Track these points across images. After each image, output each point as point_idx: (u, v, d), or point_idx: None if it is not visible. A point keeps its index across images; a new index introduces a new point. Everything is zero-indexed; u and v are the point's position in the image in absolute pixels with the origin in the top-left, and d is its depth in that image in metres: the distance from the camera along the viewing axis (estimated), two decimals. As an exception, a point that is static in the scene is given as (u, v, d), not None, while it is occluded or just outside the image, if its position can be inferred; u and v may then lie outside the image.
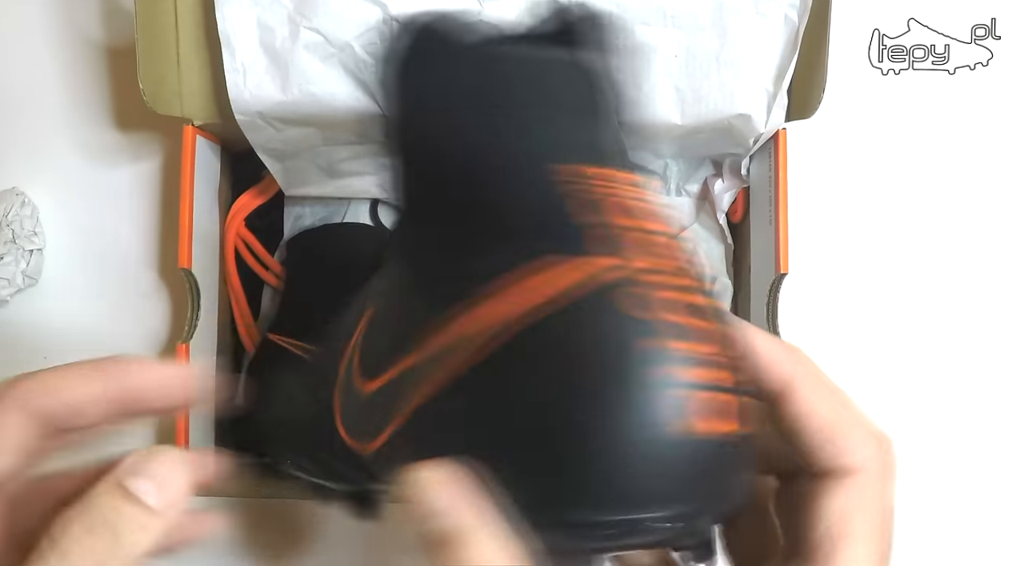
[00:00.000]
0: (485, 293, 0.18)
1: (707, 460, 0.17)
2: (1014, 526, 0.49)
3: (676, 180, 0.47)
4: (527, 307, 0.18)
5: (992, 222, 0.50)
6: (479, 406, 0.18)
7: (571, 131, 0.19)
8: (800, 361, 0.21)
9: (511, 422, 0.18)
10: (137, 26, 0.37)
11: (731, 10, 0.37)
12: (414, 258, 0.22)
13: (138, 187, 0.48)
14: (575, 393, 0.17)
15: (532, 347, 0.18)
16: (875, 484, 0.20)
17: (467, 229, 0.20)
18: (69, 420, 0.22)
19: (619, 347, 0.17)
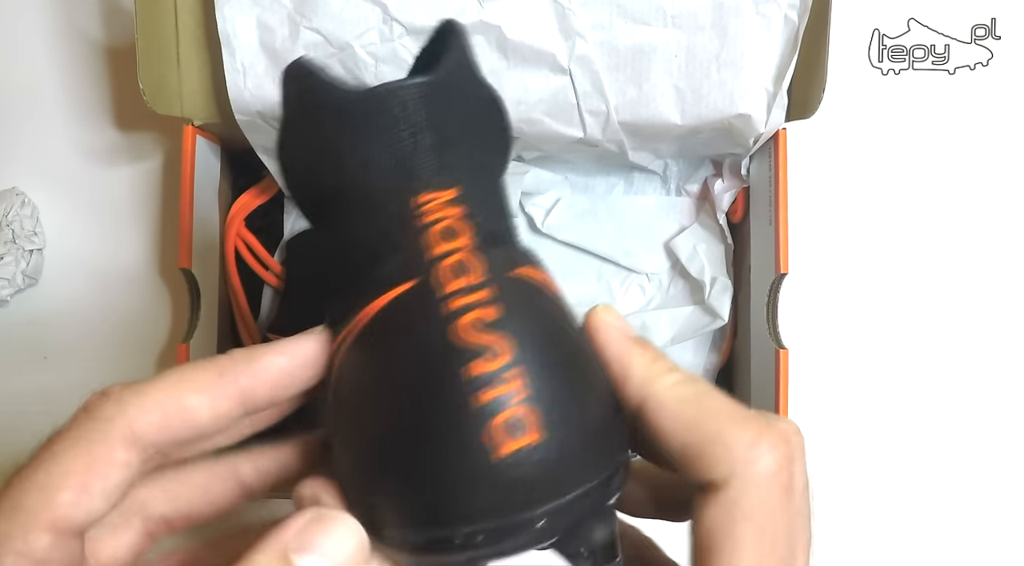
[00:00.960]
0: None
1: (513, 476, 0.17)
2: (1014, 526, 0.49)
3: (676, 180, 0.47)
4: (358, 329, 0.19)
5: (992, 222, 0.50)
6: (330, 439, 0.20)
7: (408, 158, 0.20)
8: (653, 378, 0.20)
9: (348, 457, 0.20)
10: (137, 26, 0.37)
11: (731, 10, 0.37)
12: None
13: (138, 187, 0.48)
14: (376, 425, 0.19)
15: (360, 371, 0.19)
16: (744, 496, 0.18)
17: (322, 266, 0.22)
18: (185, 447, 0.20)
19: (413, 372, 0.18)
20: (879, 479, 0.49)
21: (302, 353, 0.20)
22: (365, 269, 0.20)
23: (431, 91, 0.21)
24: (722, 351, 0.47)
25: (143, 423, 0.18)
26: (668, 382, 0.20)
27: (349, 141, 0.21)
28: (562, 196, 0.47)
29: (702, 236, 0.46)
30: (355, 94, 0.21)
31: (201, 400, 0.19)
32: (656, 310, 0.46)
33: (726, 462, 0.18)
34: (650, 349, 0.21)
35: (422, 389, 0.18)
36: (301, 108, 0.22)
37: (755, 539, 0.18)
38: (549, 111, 0.39)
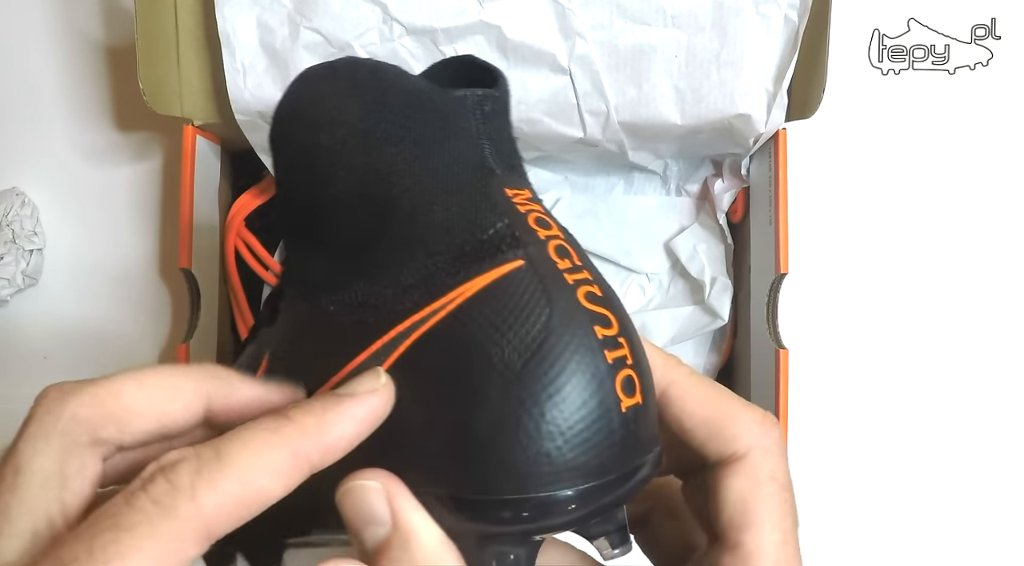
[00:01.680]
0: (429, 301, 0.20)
1: (617, 433, 0.19)
2: (1013, 526, 0.49)
3: (676, 180, 0.47)
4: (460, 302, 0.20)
5: (992, 222, 0.50)
6: (398, 412, 0.20)
7: (482, 155, 0.22)
8: (674, 366, 0.22)
9: (430, 422, 0.20)
10: (137, 26, 0.37)
11: (731, 10, 0.37)
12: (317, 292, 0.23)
13: (138, 187, 0.48)
14: (485, 386, 0.19)
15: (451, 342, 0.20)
16: (766, 462, 0.21)
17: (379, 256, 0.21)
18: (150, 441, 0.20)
19: (544, 331, 0.19)
20: (879, 479, 0.49)
21: (371, 415, 0.19)
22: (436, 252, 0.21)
23: (504, 98, 0.23)
24: (722, 351, 0.47)
25: (218, 521, 0.17)
26: (685, 371, 0.22)
27: (433, 138, 0.21)
28: (562, 196, 0.47)
29: (702, 236, 0.46)
30: (438, 96, 0.22)
31: (275, 486, 0.18)
32: (656, 310, 0.46)
33: (745, 436, 0.21)
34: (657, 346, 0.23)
35: (555, 346, 0.19)
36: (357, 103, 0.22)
37: (781, 495, 0.21)
38: (549, 111, 0.39)
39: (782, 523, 0.21)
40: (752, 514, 0.21)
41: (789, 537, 0.21)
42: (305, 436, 0.18)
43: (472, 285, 0.20)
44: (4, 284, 0.45)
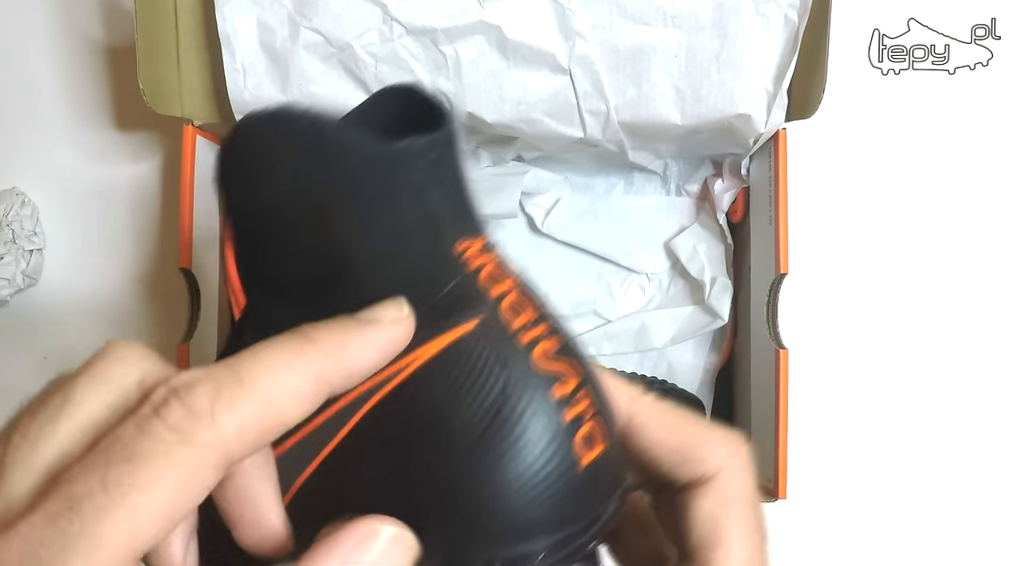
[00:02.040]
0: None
1: (580, 487, 0.20)
2: (1013, 525, 0.49)
3: (676, 180, 0.47)
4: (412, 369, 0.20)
5: (992, 221, 0.50)
6: (365, 470, 0.20)
7: (433, 211, 0.21)
8: (636, 396, 0.23)
9: (394, 485, 0.20)
10: (137, 26, 0.37)
11: (731, 10, 0.37)
12: None
13: (138, 187, 0.48)
14: (447, 451, 0.19)
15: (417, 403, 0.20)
16: (735, 482, 0.22)
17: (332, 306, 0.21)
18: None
19: (501, 397, 0.19)
20: (879, 478, 0.49)
21: (392, 345, 0.19)
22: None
23: (451, 139, 0.22)
24: (722, 351, 0.47)
25: (239, 447, 0.16)
26: (648, 400, 0.23)
27: (374, 198, 0.21)
28: (562, 196, 0.47)
29: (702, 236, 0.46)
30: (378, 151, 0.21)
31: (295, 409, 0.17)
32: (656, 310, 0.46)
33: (714, 458, 0.22)
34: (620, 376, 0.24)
35: (512, 412, 0.19)
36: (295, 162, 0.21)
37: (749, 513, 0.22)
38: (549, 111, 0.39)
39: (751, 541, 0.21)
40: (721, 532, 0.21)
41: (757, 555, 0.22)
42: (327, 358, 0.18)
43: (427, 349, 0.20)
44: (4, 284, 0.45)
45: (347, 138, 0.21)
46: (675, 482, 0.22)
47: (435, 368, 0.20)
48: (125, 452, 0.15)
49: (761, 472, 0.40)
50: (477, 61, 0.37)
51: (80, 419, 0.16)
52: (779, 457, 0.38)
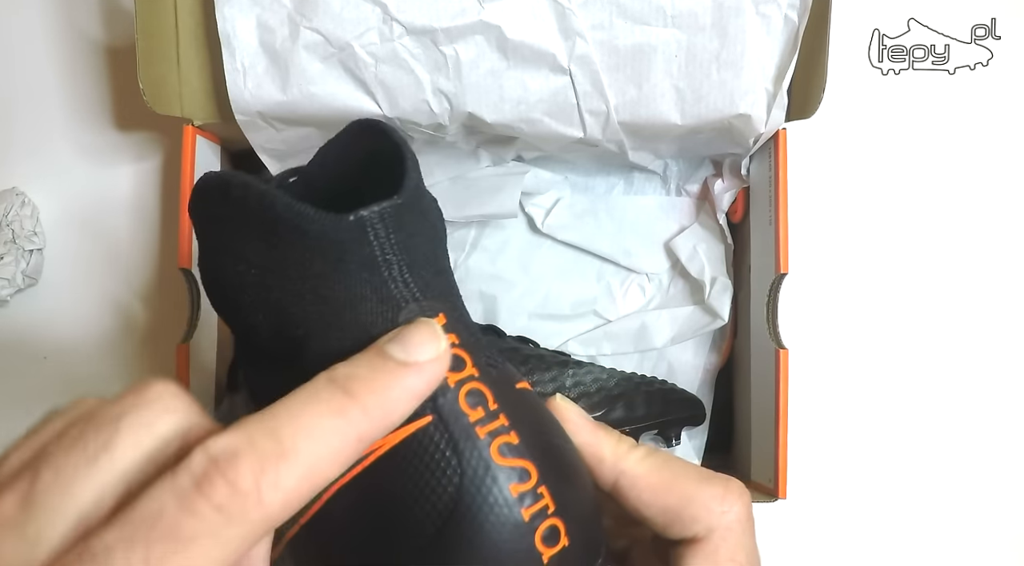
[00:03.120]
0: None
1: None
2: (1012, 525, 0.49)
3: (676, 180, 0.47)
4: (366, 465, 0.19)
5: (992, 221, 0.50)
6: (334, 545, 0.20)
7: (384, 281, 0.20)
8: (623, 454, 0.22)
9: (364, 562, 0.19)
10: (137, 26, 0.37)
11: (731, 10, 0.37)
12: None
13: (138, 187, 0.48)
14: (403, 546, 0.19)
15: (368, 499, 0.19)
16: (726, 543, 0.21)
17: None
18: None
19: (459, 492, 0.19)
20: (879, 478, 0.49)
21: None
22: None
23: (402, 211, 0.20)
24: (722, 351, 0.47)
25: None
26: (636, 457, 0.22)
27: (324, 275, 0.20)
28: (562, 196, 0.47)
29: (702, 236, 0.46)
30: (327, 222, 0.19)
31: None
32: (656, 310, 0.46)
33: (705, 518, 0.21)
34: (612, 432, 0.23)
35: (472, 507, 0.19)
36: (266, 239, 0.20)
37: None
38: (549, 111, 0.39)
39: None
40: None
41: None
42: (369, 418, 0.17)
43: (384, 441, 0.19)
44: (4, 284, 0.45)
45: (299, 214, 0.19)
46: (666, 535, 0.22)
47: (391, 461, 0.19)
48: (168, 530, 0.15)
49: (761, 472, 0.40)
50: (477, 61, 0.37)
51: (119, 470, 0.16)
52: (779, 457, 0.38)
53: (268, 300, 0.20)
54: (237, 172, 0.21)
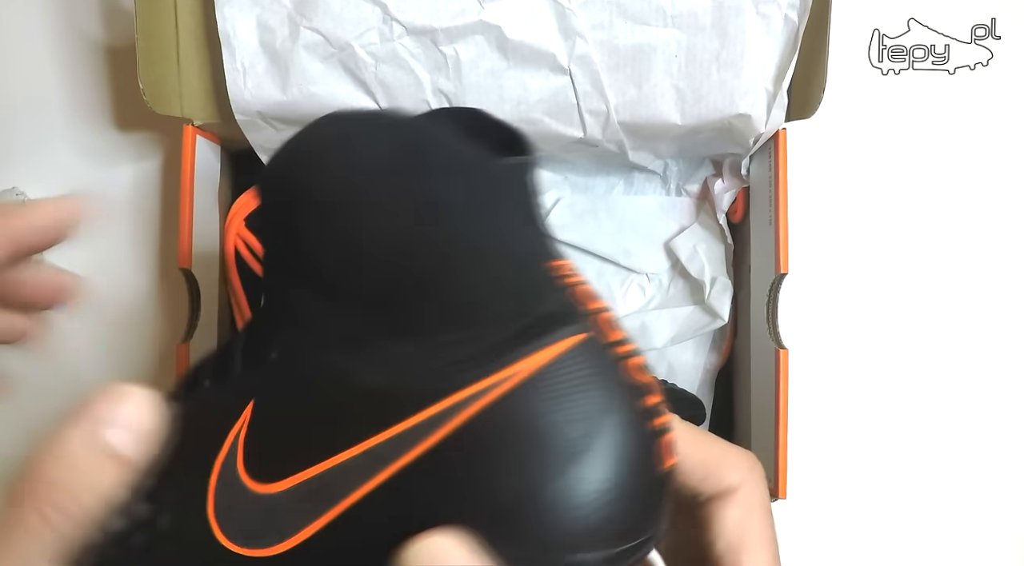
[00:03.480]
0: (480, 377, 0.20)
1: (664, 492, 0.21)
2: (1011, 525, 0.49)
3: (676, 180, 0.47)
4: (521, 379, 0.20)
5: (992, 222, 0.50)
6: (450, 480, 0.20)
7: (534, 227, 0.22)
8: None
9: (486, 493, 0.20)
10: (137, 26, 0.37)
11: (731, 10, 0.37)
12: (348, 350, 0.22)
13: (138, 187, 0.48)
14: (546, 462, 0.20)
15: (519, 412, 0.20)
16: (755, 493, 0.24)
17: (432, 319, 0.21)
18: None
19: (590, 413, 0.20)
20: (879, 478, 0.49)
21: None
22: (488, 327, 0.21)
23: (534, 166, 0.23)
24: (722, 351, 0.47)
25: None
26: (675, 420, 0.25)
27: (484, 207, 0.22)
28: (562, 196, 0.47)
29: (702, 236, 0.46)
30: (490, 164, 0.22)
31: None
32: (656, 310, 0.46)
33: (736, 471, 0.24)
34: None
35: (615, 419, 0.20)
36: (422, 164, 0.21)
37: (768, 521, 0.24)
38: (549, 111, 0.39)
39: (771, 546, 0.24)
40: (747, 538, 0.24)
41: (777, 559, 0.24)
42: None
43: (532, 361, 0.20)
44: (4, 284, 0.45)
45: (457, 146, 0.22)
46: (700, 495, 0.24)
47: (539, 380, 0.20)
48: None
49: (761, 472, 0.40)
50: (477, 61, 0.37)
51: None
52: (779, 457, 0.38)
53: (405, 227, 0.21)
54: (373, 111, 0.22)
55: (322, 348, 0.22)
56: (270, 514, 0.22)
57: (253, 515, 0.22)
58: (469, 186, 0.21)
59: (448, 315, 0.21)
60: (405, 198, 0.21)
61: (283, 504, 0.21)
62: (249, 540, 0.22)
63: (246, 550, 0.22)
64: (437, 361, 0.21)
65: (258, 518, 0.22)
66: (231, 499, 0.22)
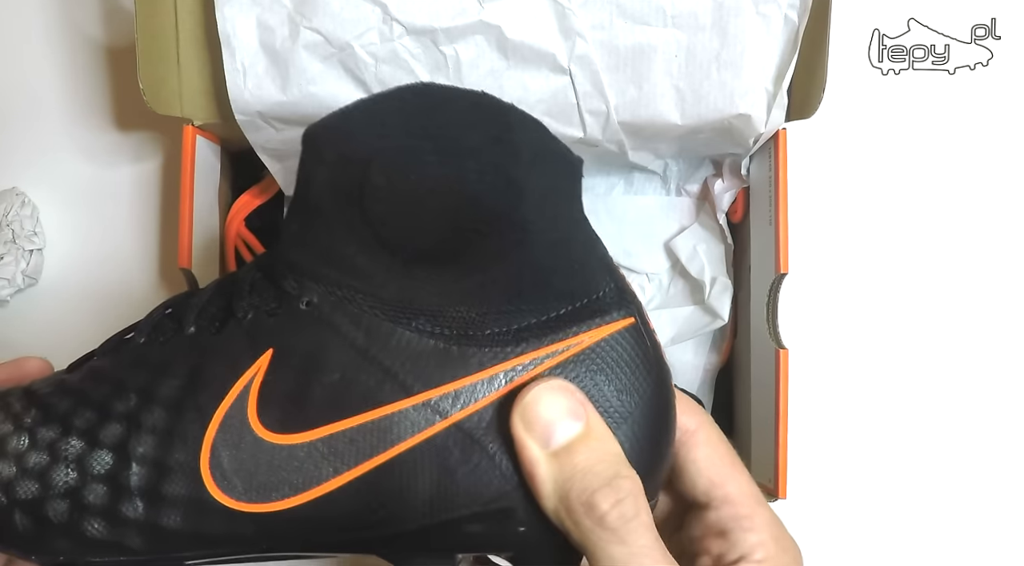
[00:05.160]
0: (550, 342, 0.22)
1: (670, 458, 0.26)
2: (1013, 525, 0.49)
3: (676, 180, 0.47)
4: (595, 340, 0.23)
5: (992, 222, 0.50)
6: None
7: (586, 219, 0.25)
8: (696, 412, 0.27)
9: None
10: (137, 26, 0.37)
11: (731, 10, 0.37)
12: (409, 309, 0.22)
13: (138, 187, 0.48)
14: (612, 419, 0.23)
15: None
16: (713, 431, 0.26)
17: (502, 288, 0.22)
18: None
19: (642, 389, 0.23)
20: (879, 478, 0.49)
21: None
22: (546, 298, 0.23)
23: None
24: (722, 351, 0.47)
25: None
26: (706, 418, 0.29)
27: (566, 186, 0.23)
28: (562, 196, 0.47)
29: (702, 236, 0.46)
30: (572, 157, 0.24)
31: None
32: (656, 310, 0.46)
33: (692, 414, 0.26)
34: None
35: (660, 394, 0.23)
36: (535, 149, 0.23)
37: (734, 453, 0.27)
38: (549, 111, 0.39)
39: (743, 470, 0.26)
40: (725, 469, 0.25)
41: (750, 479, 0.26)
42: None
43: (590, 335, 0.22)
44: (4, 284, 0.45)
45: (545, 131, 0.23)
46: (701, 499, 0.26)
47: (595, 354, 0.22)
48: None
49: (761, 472, 0.40)
50: (477, 61, 0.37)
51: None
52: (779, 457, 0.38)
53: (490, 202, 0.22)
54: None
55: (377, 304, 0.22)
56: (288, 465, 0.21)
57: (264, 467, 0.21)
58: (548, 171, 0.23)
59: (516, 286, 0.22)
60: (492, 173, 0.22)
61: (310, 455, 0.21)
62: (253, 494, 0.21)
63: (246, 505, 0.21)
64: (503, 325, 0.22)
65: (271, 470, 0.21)
66: (235, 451, 0.21)
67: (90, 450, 0.21)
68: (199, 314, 0.24)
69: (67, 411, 0.22)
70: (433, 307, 0.22)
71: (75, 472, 0.21)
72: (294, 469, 0.21)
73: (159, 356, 0.23)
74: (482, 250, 0.22)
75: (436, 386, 0.21)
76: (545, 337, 0.22)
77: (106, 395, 0.23)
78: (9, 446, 0.22)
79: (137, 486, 0.21)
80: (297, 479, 0.21)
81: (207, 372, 0.22)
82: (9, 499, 0.21)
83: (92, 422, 0.22)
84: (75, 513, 0.21)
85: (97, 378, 0.23)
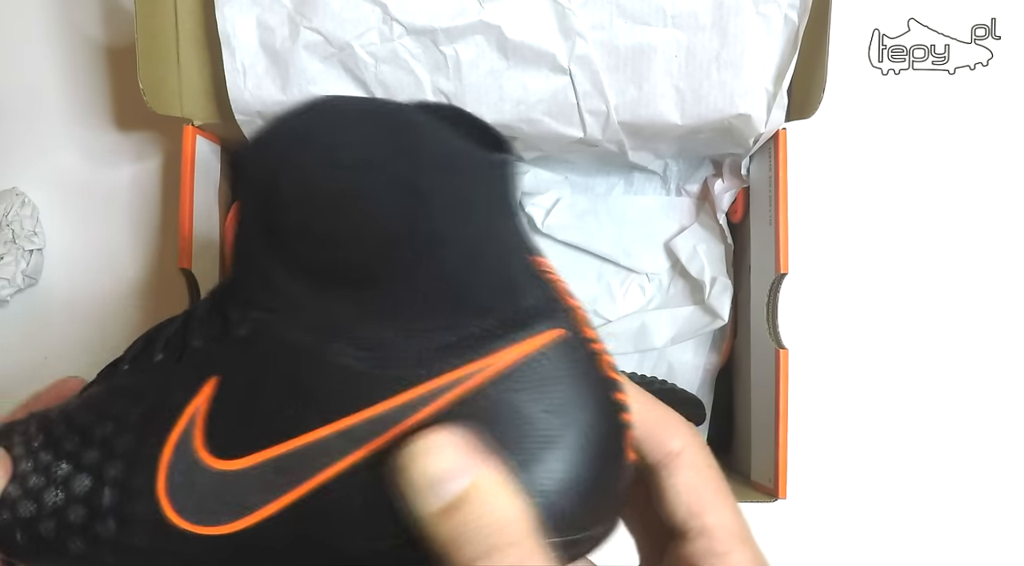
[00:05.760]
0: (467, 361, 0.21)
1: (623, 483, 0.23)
2: (1013, 525, 0.49)
3: (676, 180, 0.47)
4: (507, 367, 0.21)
5: (992, 221, 0.50)
6: None
7: (517, 223, 0.23)
8: None
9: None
10: (137, 26, 0.37)
11: (731, 10, 0.37)
12: (326, 332, 0.22)
13: (138, 187, 0.48)
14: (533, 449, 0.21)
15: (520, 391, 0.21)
16: (701, 454, 0.24)
17: (414, 305, 0.21)
18: None
19: (569, 405, 0.21)
20: (879, 478, 0.49)
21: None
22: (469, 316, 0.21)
23: (517, 164, 0.23)
24: (722, 351, 0.47)
25: None
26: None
27: (478, 195, 0.22)
28: (562, 196, 0.47)
29: (702, 236, 0.46)
30: (484, 157, 0.22)
31: None
32: (656, 310, 0.46)
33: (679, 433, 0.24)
34: None
35: (590, 412, 0.21)
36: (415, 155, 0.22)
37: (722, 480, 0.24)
38: (549, 111, 0.39)
39: (729, 501, 0.24)
40: (707, 497, 0.23)
41: (738, 512, 0.24)
42: None
43: (511, 352, 0.21)
44: (4, 284, 0.45)
45: (448, 136, 0.22)
46: (644, 458, 0.24)
47: (521, 370, 0.21)
48: None
49: (761, 472, 0.40)
50: (477, 61, 0.37)
51: None
52: (779, 457, 0.38)
53: (397, 214, 0.21)
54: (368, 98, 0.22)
55: (298, 328, 0.22)
56: (230, 491, 0.22)
57: (210, 492, 0.22)
58: (456, 177, 0.21)
59: (429, 303, 0.21)
60: (393, 186, 0.21)
61: (246, 481, 0.21)
62: (203, 516, 0.22)
63: (199, 527, 0.22)
64: (416, 347, 0.21)
65: (216, 495, 0.22)
66: (185, 476, 0.22)
67: (75, 473, 0.23)
68: (166, 344, 0.25)
69: (61, 436, 0.24)
70: (351, 330, 0.21)
71: (62, 493, 0.22)
72: (234, 494, 0.21)
73: (135, 384, 0.24)
74: (390, 267, 0.21)
75: (352, 413, 0.21)
76: (461, 357, 0.21)
77: (91, 421, 0.24)
78: (19, 468, 0.23)
79: (108, 506, 0.22)
80: (236, 504, 0.21)
81: (167, 399, 0.23)
82: (13, 517, 0.22)
83: (78, 446, 0.23)
84: (61, 531, 0.22)
85: (88, 405, 0.25)
